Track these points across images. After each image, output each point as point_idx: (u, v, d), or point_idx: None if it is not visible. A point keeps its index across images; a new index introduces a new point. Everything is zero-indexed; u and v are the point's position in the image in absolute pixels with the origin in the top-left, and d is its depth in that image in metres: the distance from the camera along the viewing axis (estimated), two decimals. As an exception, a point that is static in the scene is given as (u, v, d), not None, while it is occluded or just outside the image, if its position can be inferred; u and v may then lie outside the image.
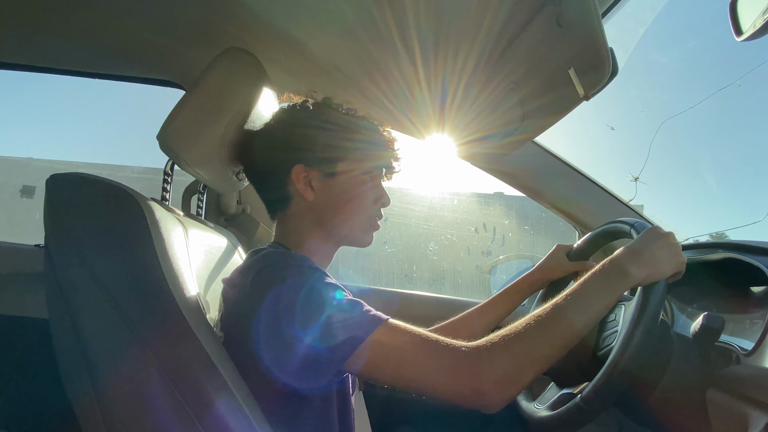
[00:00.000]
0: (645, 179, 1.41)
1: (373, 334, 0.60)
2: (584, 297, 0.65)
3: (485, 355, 0.59)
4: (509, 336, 0.61)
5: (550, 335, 0.61)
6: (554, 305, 0.64)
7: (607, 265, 0.68)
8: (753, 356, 0.71)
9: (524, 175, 1.41)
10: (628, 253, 0.69)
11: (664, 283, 0.68)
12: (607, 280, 0.67)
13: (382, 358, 0.60)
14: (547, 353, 0.61)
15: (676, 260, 0.70)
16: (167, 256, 0.62)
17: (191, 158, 0.77)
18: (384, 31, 0.92)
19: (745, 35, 0.61)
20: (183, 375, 0.57)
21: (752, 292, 0.86)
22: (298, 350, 0.60)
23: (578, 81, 0.71)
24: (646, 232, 0.73)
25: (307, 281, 0.64)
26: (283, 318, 0.61)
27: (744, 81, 1.48)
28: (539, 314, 0.63)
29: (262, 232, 1.35)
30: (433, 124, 1.28)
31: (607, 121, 2.67)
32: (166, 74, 1.26)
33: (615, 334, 0.74)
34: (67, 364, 0.60)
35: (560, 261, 1.01)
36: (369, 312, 0.63)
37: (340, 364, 0.60)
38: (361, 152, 0.80)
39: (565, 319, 0.63)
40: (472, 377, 0.58)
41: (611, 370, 0.65)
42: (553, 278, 1.02)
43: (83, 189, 0.62)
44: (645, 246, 0.70)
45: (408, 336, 0.61)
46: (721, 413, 0.69)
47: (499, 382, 0.58)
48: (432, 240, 2.19)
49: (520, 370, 0.59)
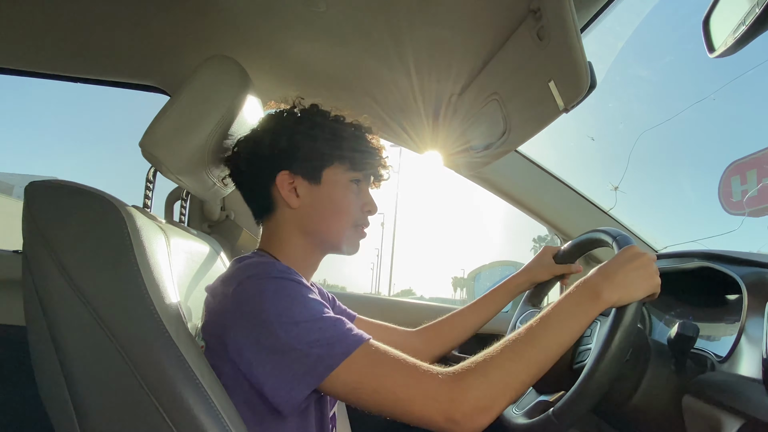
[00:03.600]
0: (624, 188, 1.44)
1: (351, 355, 0.60)
2: (557, 321, 0.66)
3: (460, 383, 0.59)
4: (484, 363, 0.61)
5: (525, 361, 0.62)
6: (528, 329, 0.65)
7: (580, 286, 0.69)
8: (727, 363, 0.73)
9: (507, 184, 1.43)
10: (601, 275, 0.69)
11: (636, 305, 0.68)
12: (579, 303, 0.67)
13: (358, 380, 0.59)
14: (521, 379, 0.61)
15: (649, 283, 0.69)
16: (148, 264, 0.61)
17: (174, 166, 0.76)
18: (368, 40, 0.93)
19: (717, 52, 0.63)
20: (163, 385, 0.56)
21: (727, 300, 0.88)
22: (276, 366, 0.60)
23: (558, 93, 0.73)
24: (621, 252, 0.72)
25: (289, 295, 0.64)
26: (262, 331, 0.60)
27: (718, 95, 1.53)
28: (514, 339, 0.64)
29: (246, 239, 1.34)
30: (420, 133, 1.29)
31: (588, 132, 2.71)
32: (150, 80, 1.25)
33: (589, 350, 0.76)
34: (44, 373, 0.59)
35: (547, 263, 1.03)
36: (350, 332, 0.62)
37: (315, 385, 0.59)
38: (347, 159, 0.80)
39: (539, 344, 0.63)
40: (447, 405, 0.58)
41: (582, 388, 0.66)
42: (539, 280, 1.04)
43: (63, 196, 0.61)
44: (619, 267, 0.69)
45: (386, 359, 0.61)
46: (696, 419, 0.70)
47: (473, 410, 0.58)
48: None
49: (494, 399, 0.59)
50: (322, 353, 0.59)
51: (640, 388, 0.75)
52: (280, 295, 0.63)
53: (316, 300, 0.66)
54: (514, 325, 1.01)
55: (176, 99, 0.76)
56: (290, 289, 0.65)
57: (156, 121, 0.75)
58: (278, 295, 0.63)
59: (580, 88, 0.68)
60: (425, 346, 0.99)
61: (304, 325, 0.61)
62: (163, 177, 0.83)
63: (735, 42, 0.58)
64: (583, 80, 0.67)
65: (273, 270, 0.67)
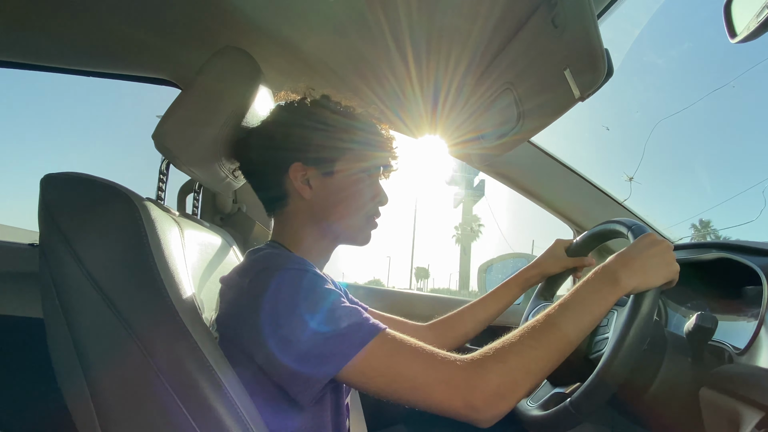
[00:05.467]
0: (640, 179, 1.42)
1: (368, 344, 0.59)
2: (576, 307, 0.65)
3: (479, 369, 0.58)
4: (503, 349, 0.60)
5: (544, 347, 0.61)
6: (547, 316, 0.64)
7: (599, 273, 0.69)
8: (745, 355, 0.72)
9: (519, 175, 1.41)
10: (620, 261, 0.69)
11: (655, 292, 0.68)
12: (598, 289, 0.67)
13: (376, 369, 0.59)
14: (541, 366, 0.61)
15: (669, 269, 0.69)
16: (162, 255, 0.61)
17: (187, 158, 0.77)
18: (378, 32, 0.92)
19: (739, 37, 0.62)
20: (178, 374, 0.57)
21: (745, 292, 0.86)
22: (292, 357, 0.60)
23: (573, 82, 0.71)
24: (639, 239, 0.72)
25: (305, 286, 0.64)
26: (279, 322, 0.60)
27: (738, 82, 1.50)
28: (532, 325, 0.63)
29: (258, 231, 1.34)
30: (427, 123, 1.28)
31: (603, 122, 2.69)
32: (162, 73, 1.26)
33: (606, 339, 0.75)
34: (61, 363, 0.59)
35: (558, 256, 1.02)
36: (366, 321, 0.62)
37: (332, 374, 0.59)
38: (358, 150, 0.80)
39: (559, 330, 0.63)
40: (466, 392, 0.57)
41: (600, 377, 0.66)
42: (550, 273, 1.03)
43: (78, 189, 0.62)
44: (638, 254, 0.69)
45: (403, 347, 0.61)
46: (713, 411, 0.69)
47: (493, 396, 0.57)
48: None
49: (514, 384, 0.58)
50: (339, 342, 0.59)
51: (657, 379, 0.74)
52: (295, 286, 0.63)
53: (332, 290, 0.66)
54: (525, 319, 1.01)
55: (188, 91, 0.76)
56: (306, 280, 0.65)
57: (168, 113, 0.75)
58: (294, 286, 0.63)
59: (597, 75, 0.67)
60: (437, 340, 0.99)
61: (320, 315, 0.61)
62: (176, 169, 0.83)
63: (759, 26, 0.56)
64: (600, 68, 0.66)
65: (288, 262, 0.67)
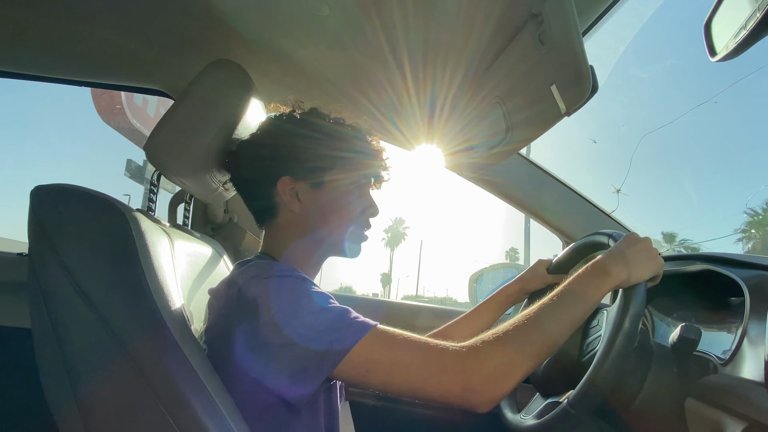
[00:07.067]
0: (626, 191, 1.44)
1: (362, 340, 0.60)
2: (570, 297, 0.67)
3: (475, 353, 0.59)
4: (499, 333, 0.62)
5: (541, 331, 0.63)
6: (540, 306, 0.66)
7: (589, 268, 0.71)
8: (729, 366, 0.73)
9: (510, 186, 1.43)
10: (609, 256, 0.72)
11: (644, 285, 0.71)
12: (590, 281, 0.69)
13: (372, 363, 0.60)
14: (537, 350, 0.62)
15: (655, 263, 0.73)
16: (152, 267, 0.61)
17: (178, 169, 0.77)
18: (372, 43, 0.93)
19: (719, 56, 0.63)
20: (167, 387, 0.57)
21: (729, 303, 0.88)
22: (287, 360, 0.60)
23: (560, 97, 0.73)
24: (623, 239, 0.76)
25: (294, 290, 0.64)
26: (271, 327, 0.61)
27: (720, 98, 1.53)
28: (528, 313, 0.64)
29: (249, 241, 1.34)
30: (420, 134, 1.29)
31: (590, 135, 2.74)
32: (155, 83, 1.26)
33: (599, 338, 0.76)
34: (49, 375, 0.59)
35: (539, 273, 1.04)
36: (357, 318, 0.63)
37: (329, 372, 0.60)
38: (348, 162, 0.80)
39: (553, 318, 0.64)
40: (463, 375, 0.58)
41: (597, 371, 0.67)
42: (531, 290, 1.04)
43: (68, 200, 0.62)
44: (626, 248, 0.73)
45: (397, 339, 0.62)
46: (698, 422, 0.70)
47: (490, 378, 0.58)
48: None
49: (511, 365, 0.59)
50: (332, 340, 0.60)
51: (643, 390, 0.75)
52: (284, 291, 0.64)
53: (321, 292, 0.66)
54: None
55: (180, 103, 0.77)
56: (294, 284, 0.65)
57: (160, 124, 0.75)
58: (283, 291, 0.64)
59: (582, 91, 0.69)
60: None
61: (312, 316, 0.62)
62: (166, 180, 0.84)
63: (736, 46, 0.58)
64: (584, 84, 0.68)
65: (275, 269, 0.68)
